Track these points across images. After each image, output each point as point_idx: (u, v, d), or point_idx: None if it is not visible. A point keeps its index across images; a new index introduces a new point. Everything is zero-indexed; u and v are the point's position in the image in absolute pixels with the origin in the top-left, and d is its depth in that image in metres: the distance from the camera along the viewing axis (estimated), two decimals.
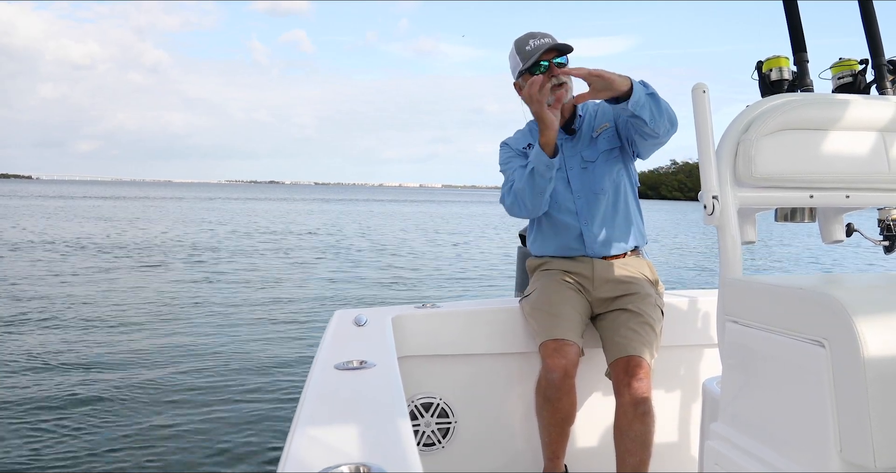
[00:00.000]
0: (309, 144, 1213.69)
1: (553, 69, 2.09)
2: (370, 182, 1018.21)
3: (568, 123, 2.24)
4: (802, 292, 1.22)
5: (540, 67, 2.10)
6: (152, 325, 7.44)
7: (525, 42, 2.12)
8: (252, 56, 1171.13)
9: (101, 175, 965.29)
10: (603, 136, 2.21)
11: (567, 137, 2.24)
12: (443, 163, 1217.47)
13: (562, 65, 2.10)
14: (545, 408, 1.97)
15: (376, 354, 1.53)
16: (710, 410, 1.75)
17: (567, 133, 2.24)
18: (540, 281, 2.21)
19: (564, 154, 2.22)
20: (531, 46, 2.10)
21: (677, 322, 2.27)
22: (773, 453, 1.27)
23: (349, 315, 2.03)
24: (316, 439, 1.01)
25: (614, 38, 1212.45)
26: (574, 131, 2.23)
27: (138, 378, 5.37)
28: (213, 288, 10.21)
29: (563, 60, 2.11)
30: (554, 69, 2.09)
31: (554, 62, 2.09)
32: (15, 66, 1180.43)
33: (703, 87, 1.54)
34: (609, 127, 2.21)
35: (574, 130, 2.23)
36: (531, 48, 2.10)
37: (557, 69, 2.08)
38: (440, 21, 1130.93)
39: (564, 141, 2.23)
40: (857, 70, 1.85)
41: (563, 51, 2.10)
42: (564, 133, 2.23)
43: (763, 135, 1.52)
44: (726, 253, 1.53)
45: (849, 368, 1.08)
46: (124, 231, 21.40)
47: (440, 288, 10.80)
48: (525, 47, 2.12)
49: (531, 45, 2.10)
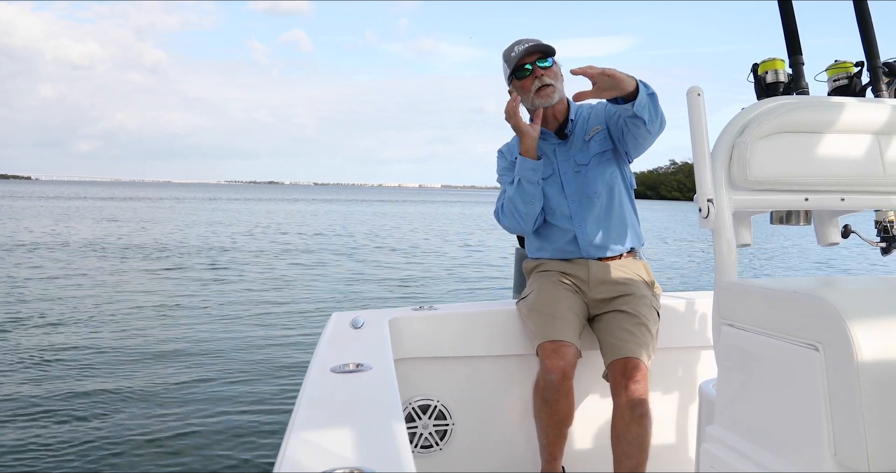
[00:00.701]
0: (309, 144, 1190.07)
1: (536, 71, 2.13)
2: (370, 182, 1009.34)
3: (560, 128, 2.24)
4: (796, 295, 1.22)
5: (525, 71, 2.13)
6: (149, 326, 7.44)
7: (511, 49, 2.17)
8: (252, 56, 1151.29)
9: (100, 175, 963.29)
10: (595, 139, 2.21)
11: (560, 142, 2.24)
12: (442, 163, 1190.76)
13: (546, 67, 2.14)
14: (543, 410, 1.97)
15: (373, 357, 1.53)
16: (706, 412, 1.75)
17: (559, 137, 2.24)
18: (537, 282, 2.21)
19: (557, 158, 2.23)
20: (515, 52, 2.15)
21: (674, 324, 2.27)
22: (768, 455, 1.27)
23: (346, 317, 2.03)
24: (311, 442, 1.01)
25: (614, 38, 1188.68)
26: (566, 136, 2.24)
27: (134, 379, 5.37)
28: (212, 288, 10.21)
29: (547, 63, 2.14)
30: (537, 71, 2.13)
31: (537, 64, 2.13)
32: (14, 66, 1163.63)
33: (698, 90, 1.54)
34: (601, 129, 2.21)
35: (566, 135, 2.24)
36: (515, 53, 2.14)
37: (541, 70, 2.13)
38: (440, 21, 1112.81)
39: (557, 145, 2.24)
40: (852, 72, 1.85)
41: (545, 52, 2.13)
42: (557, 137, 2.24)
43: (758, 138, 1.53)
44: (721, 256, 1.54)
45: (842, 371, 1.09)
46: (132, 232, 21.44)
47: (438, 290, 10.80)
48: (510, 54, 2.16)
49: (515, 51, 2.15)
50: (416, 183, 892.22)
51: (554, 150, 2.24)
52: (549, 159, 2.24)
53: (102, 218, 29.62)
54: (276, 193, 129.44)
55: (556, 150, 2.24)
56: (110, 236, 19.65)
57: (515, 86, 2.18)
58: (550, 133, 2.25)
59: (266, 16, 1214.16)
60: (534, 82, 2.13)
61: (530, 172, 2.14)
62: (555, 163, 2.23)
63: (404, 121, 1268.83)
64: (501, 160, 2.34)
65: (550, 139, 2.25)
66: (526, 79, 2.15)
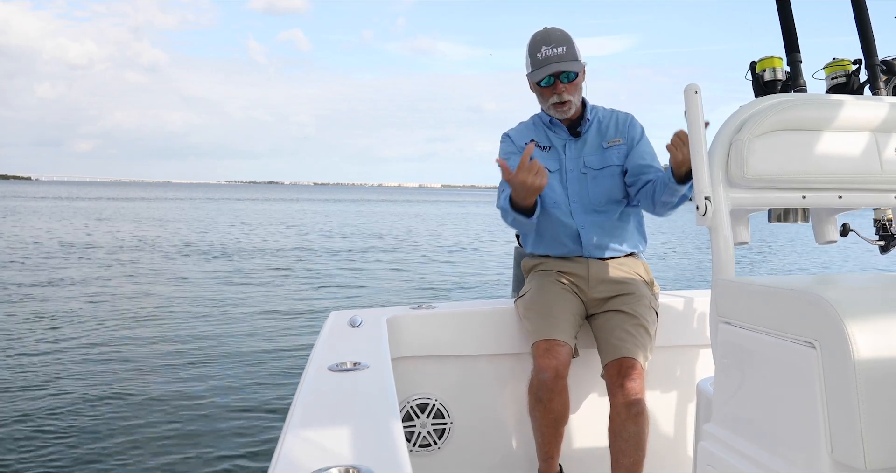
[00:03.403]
0: (308, 143, 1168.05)
1: (558, 86, 2.11)
2: (369, 182, 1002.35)
3: (574, 125, 2.23)
4: (794, 293, 1.22)
5: (548, 79, 2.12)
6: (148, 323, 7.45)
7: (538, 47, 2.11)
8: (249, 55, 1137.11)
9: (99, 175, 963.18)
10: (614, 152, 2.19)
11: (571, 139, 2.22)
12: (441, 161, 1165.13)
13: (569, 82, 2.11)
14: (537, 409, 1.97)
15: (370, 355, 1.53)
16: (703, 410, 1.75)
17: (572, 134, 2.22)
18: (534, 281, 2.21)
19: (566, 156, 2.21)
20: (542, 55, 2.09)
21: (672, 322, 2.27)
22: (765, 453, 1.27)
23: (344, 316, 2.03)
24: (307, 440, 1.01)
25: (614, 38, 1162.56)
26: (579, 134, 2.22)
27: (130, 377, 5.38)
28: (211, 288, 10.21)
29: (571, 78, 2.11)
30: (559, 86, 2.11)
31: (560, 79, 2.11)
32: (12, 66, 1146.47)
33: (696, 88, 1.54)
34: (622, 143, 2.20)
35: (579, 133, 2.22)
36: (542, 57, 2.09)
37: (563, 86, 2.11)
38: (437, 20, 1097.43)
39: (568, 141, 2.22)
40: (850, 70, 1.84)
41: (572, 68, 2.10)
42: (569, 134, 2.23)
43: (756, 136, 1.52)
44: (719, 254, 1.54)
45: (839, 369, 1.09)
46: (130, 232, 21.44)
47: (436, 289, 10.80)
48: (536, 53, 2.11)
49: (542, 53, 2.09)
50: (415, 182, 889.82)
51: (564, 146, 2.22)
52: (559, 154, 2.22)
53: (112, 218, 29.63)
54: (278, 193, 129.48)
55: (566, 146, 2.22)
56: (123, 236, 19.65)
57: (534, 88, 2.18)
58: (562, 127, 2.22)
59: (263, 15, 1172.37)
60: (552, 96, 2.12)
61: (524, 222, 2.08)
62: (563, 159, 2.21)
63: (403, 120, 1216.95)
64: (508, 145, 2.29)
65: (561, 133, 2.23)
66: (545, 88, 2.14)
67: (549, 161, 2.20)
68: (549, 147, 2.22)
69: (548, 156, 2.22)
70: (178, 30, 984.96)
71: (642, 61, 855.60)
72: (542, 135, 2.26)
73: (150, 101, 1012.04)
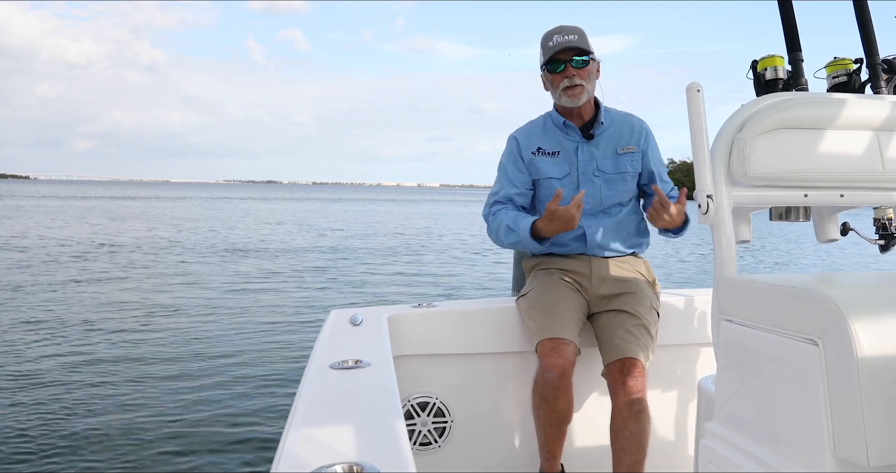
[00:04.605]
0: (307, 143, 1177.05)
1: (569, 70, 2.09)
2: (368, 181, 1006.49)
3: (587, 126, 2.19)
4: (796, 291, 1.22)
5: (557, 64, 2.10)
6: (148, 323, 7.44)
7: (549, 37, 2.11)
8: (248, 55, 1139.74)
9: (98, 174, 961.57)
10: (628, 159, 2.18)
11: (583, 140, 2.19)
12: (441, 161, 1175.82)
13: (579, 66, 2.09)
14: (542, 408, 1.96)
15: (371, 353, 1.53)
16: (705, 409, 1.75)
17: (585, 137, 2.19)
18: (537, 279, 2.20)
19: (579, 158, 2.18)
20: (553, 42, 2.09)
21: (674, 321, 2.27)
22: (767, 451, 1.27)
23: (345, 314, 2.02)
24: (310, 438, 1.01)
25: (614, 38, 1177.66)
26: (592, 136, 2.18)
27: (130, 376, 5.37)
28: (211, 287, 10.20)
29: (582, 61, 2.09)
30: (570, 70, 2.09)
31: (571, 62, 2.09)
32: (11, 65, 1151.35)
33: (698, 86, 1.54)
34: (636, 151, 2.20)
35: (592, 135, 2.18)
36: (553, 44, 2.09)
37: (573, 70, 2.09)
38: (437, 20, 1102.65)
39: (580, 143, 2.19)
40: (851, 69, 1.85)
41: (582, 51, 2.08)
42: (582, 136, 2.19)
43: (757, 135, 1.53)
44: (721, 252, 1.54)
45: (842, 367, 1.09)
46: (131, 232, 21.43)
47: (437, 288, 10.79)
48: (548, 42, 2.11)
49: (553, 41, 2.09)
50: (414, 182, 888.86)
51: (577, 148, 2.19)
52: (570, 157, 2.18)
53: (113, 217, 29.60)
54: (278, 193, 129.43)
55: (578, 148, 2.19)
56: (124, 236, 19.64)
57: (545, 77, 2.16)
58: (575, 129, 2.19)
59: (262, 14, 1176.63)
60: (563, 80, 2.10)
61: (532, 248, 2.15)
62: (575, 162, 2.18)
63: (402, 120, 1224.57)
64: (515, 147, 2.25)
65: (573, 135, 2.19)
66: (556, 74, 2.11)
67: (556, 168, 2.18)
68: (557, 152, 2.19)
69: (555, 162, 2.19)
70: (178, 29, 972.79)
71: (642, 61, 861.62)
72: (552, 138, 2.22)
73: (149, 101, 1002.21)
